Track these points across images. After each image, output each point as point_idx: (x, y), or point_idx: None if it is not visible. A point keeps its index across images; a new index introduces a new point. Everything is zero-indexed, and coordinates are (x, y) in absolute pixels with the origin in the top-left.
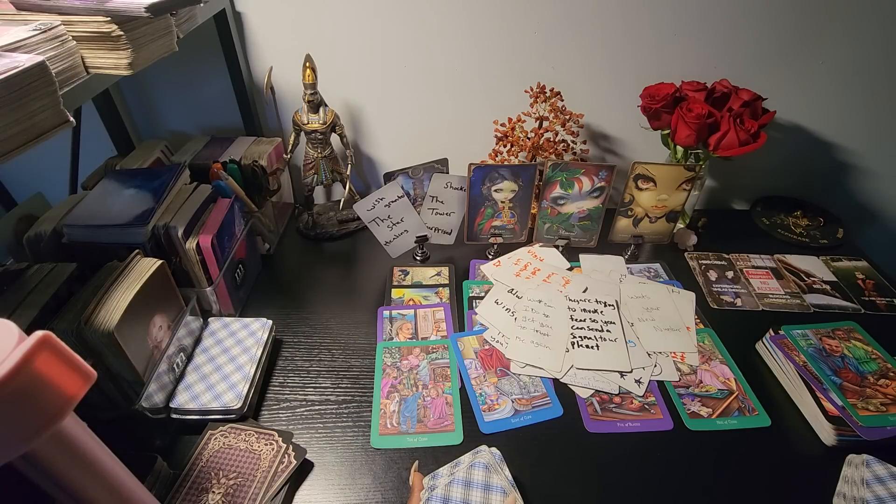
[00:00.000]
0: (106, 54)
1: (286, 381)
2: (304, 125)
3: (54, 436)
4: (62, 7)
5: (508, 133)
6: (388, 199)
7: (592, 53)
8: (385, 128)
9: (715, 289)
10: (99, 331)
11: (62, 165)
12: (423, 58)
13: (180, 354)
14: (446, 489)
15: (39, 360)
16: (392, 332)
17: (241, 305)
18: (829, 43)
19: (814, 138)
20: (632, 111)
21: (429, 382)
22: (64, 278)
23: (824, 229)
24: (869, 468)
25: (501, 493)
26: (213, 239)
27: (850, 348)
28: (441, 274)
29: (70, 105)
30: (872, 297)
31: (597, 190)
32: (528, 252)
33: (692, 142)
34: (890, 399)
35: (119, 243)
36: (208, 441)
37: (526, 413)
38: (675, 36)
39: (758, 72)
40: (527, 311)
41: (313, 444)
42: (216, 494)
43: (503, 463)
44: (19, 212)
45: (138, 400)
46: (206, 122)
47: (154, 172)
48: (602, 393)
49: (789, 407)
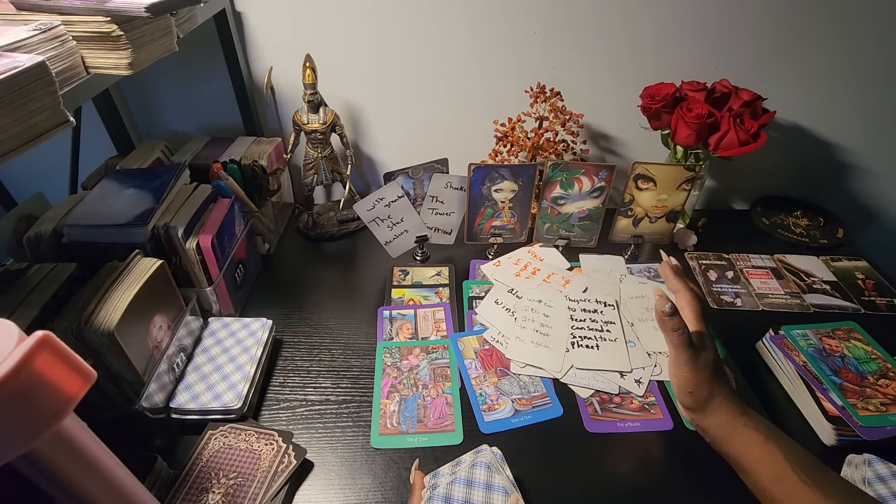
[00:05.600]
0: (106, 54)
1: (286, 381)
2: (304, 125)
3: (54, 436)
4: (62, 7)
5: (508, 133)
6: (388, 199)
7: (592, 53)
8: (385, 128)
9: (715, 289)
10: (99, 331)
11: (62, 165)
12: (423, 58)
13: (180, 354)
14: (448, 488)
15: (39, 360)
16: (392, 332)
17: (241, 305)
18: (829, 43)
19: (814, 138)
20: (632, 111)
21: (429, 382)
22: (64, 278)
23: (824, 229)
24: (870, 467)
25: (503, 492)
26: (213, 239)
27: (850, 348)
28: (441, 274)
29: (70, 105)
30: (872, 297)
31: (597, 190)
32: (528, 252)
33: (692, 142)
34: (890, 399)
35: (119, 243)
36: (208, 441)
37: (526, 413)
38: (675, 36)
39: (758, 72)
40: (527, 311)
41: (313, 444)
42: (216, 494)
43: (504, 463)
44: (19, 212)
45: (138, 400)
46: (206, 122)
47: (154, 172)
48: (602, 393)
49: (789, 407)
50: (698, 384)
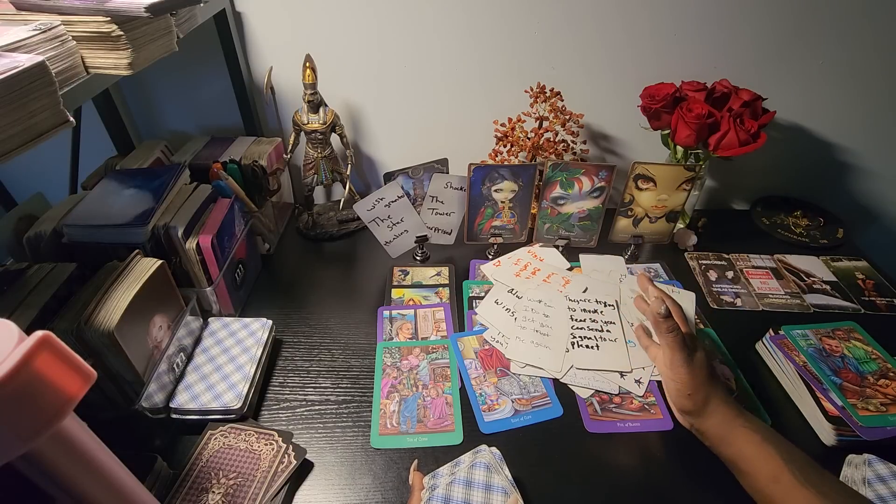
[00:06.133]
0: (106, 54)
1: (286, 381)
2: (304, 125)
3: (54, 436)
4: (62, 7)
5: (508, 133)
6: (388, 199)
7: (592, 53)
8: (385, 128)
9: (715, 289)
10: (99, 331)
11: (62, 165)
12: (423, 58)
13: (180, 354)
14: (447, 489)
15: (39, 360)
16: (392, 332)
17: (241, 305)
18: (829, 43)
19: (814, 138)
20: (632, 111)
21: (429, 382)
22: (64, 278)
23: (824, 229)
24: (871, 467)
25: (503, 493)
26: (213, 239)
27: (850, 348)
28: (441, 274)
29: (70, 105)
30: (872, 297)
31: (597, 190)
32: (528, 252)
33: (692, 142)
34: (890, 399)
35: (119, 243)
36: (208, 441)
37: (526, 413)
38: (675, 36)
39: (758, 72)
40: (527, 311)
41: (313, 444)
42: (216, 494)
43: (503, 463)
44: (19, 212)
45: (138, 400)
46: (206, 122)
47: (154, 172)
48: (602, 393)
49: (789, 407)
50: (696, 386)
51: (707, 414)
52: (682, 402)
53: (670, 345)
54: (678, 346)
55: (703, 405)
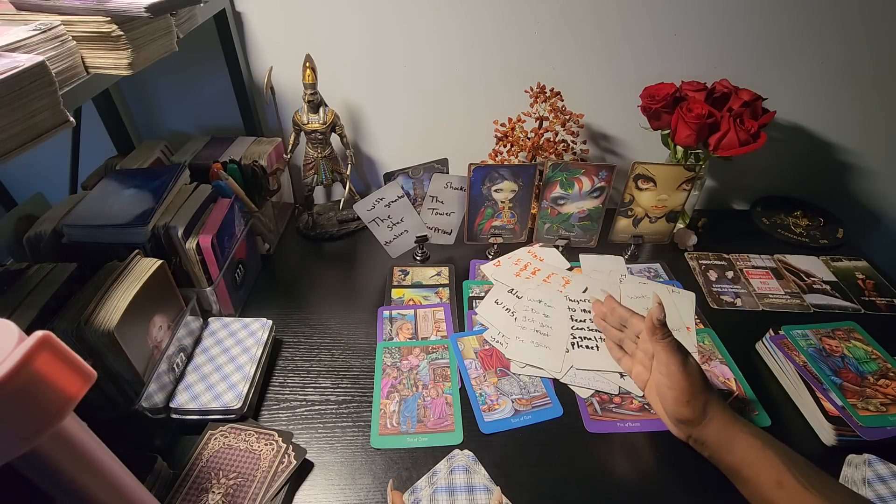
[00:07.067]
0: (106, 54)
1: (286, 381)
2: (304, 125)
3: (54, 436)
4: (62, 7)
5: (508, 133)
6: (388, 199)
7: (592, 53)
8: (385, 128)
9: (715, 289)
10: (99, 331)
11: (62, 165)
12: (423, 58)
13: (180, 354)
14: (431, 499)
15: (39, 360)
16: (392, 332)
17: (241, 305)
18: (829, 43)
19: (814, 138)
20: (632, 111)
21: (429, 382)
22: (64, 278)
23: (824, 229)
24: (871, 467)
25: (485, 490)
26: (213, 239)
27: (850, 348)
28: (441, 274)
29: (70, 105)
30: (872, 297)
31: (597, 190)
32: (528, 252)
33: (692, 142)
34: (890, 399)
35: (119, 243)
36: (208, 441)
37: (526, 413)
38: (675, 36)
39: (758, 72)
40: (527, 311)
41: (313, 444)
42: (216, 494)
43: (478, 463)
44: (19, 212)
45: (138, 400)
46: (206, 122)
47: (154, 172)
48: (602, 393)
49: (789, 407)
50: (694, 392)
51: (706, 421)
52: (681, 411)
53: (667, 349)
54: (674, 351)
55: (702, 412)
